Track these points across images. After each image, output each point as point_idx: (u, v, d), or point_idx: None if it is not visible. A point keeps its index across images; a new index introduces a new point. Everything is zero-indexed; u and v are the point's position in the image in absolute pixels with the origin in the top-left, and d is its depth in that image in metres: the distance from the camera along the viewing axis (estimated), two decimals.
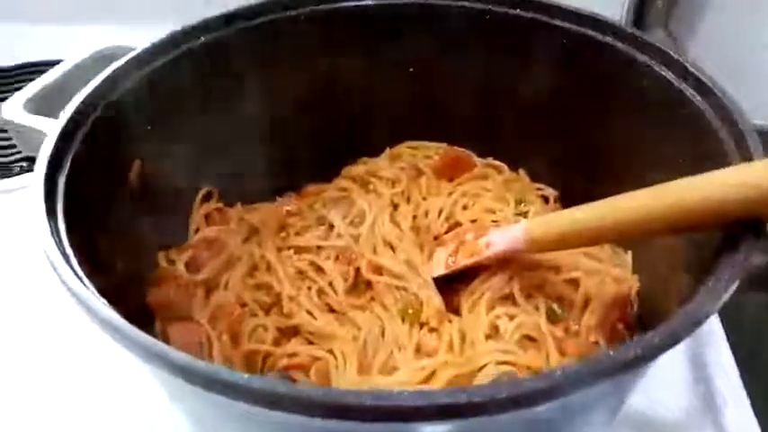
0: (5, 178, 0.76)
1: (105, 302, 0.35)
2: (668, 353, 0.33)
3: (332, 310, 0.53)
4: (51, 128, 0.45)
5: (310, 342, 0.51)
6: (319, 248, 0.57)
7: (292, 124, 0.60)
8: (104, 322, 0.34)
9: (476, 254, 0.53)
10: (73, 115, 0.46)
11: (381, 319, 0.51)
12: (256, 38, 0.56)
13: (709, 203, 0.39)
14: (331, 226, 0.58)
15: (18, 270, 0.64)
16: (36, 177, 0.42)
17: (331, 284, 0.54)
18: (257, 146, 0.58)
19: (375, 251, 0.56)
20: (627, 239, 0.55)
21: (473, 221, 0.59)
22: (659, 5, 0.92)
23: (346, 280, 0.54)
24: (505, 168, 0.64)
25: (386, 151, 0.66)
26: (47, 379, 0.56)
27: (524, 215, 0.59)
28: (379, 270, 0.54)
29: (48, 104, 0.53)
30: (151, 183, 0.51)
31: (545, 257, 0.53)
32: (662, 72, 0.50)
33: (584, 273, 0.53)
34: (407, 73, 0.62)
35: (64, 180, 0.43)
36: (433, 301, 0.52)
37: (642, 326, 0.51)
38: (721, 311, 0.35)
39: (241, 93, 0.56)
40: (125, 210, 0.49)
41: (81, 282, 0.36)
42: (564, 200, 0.62)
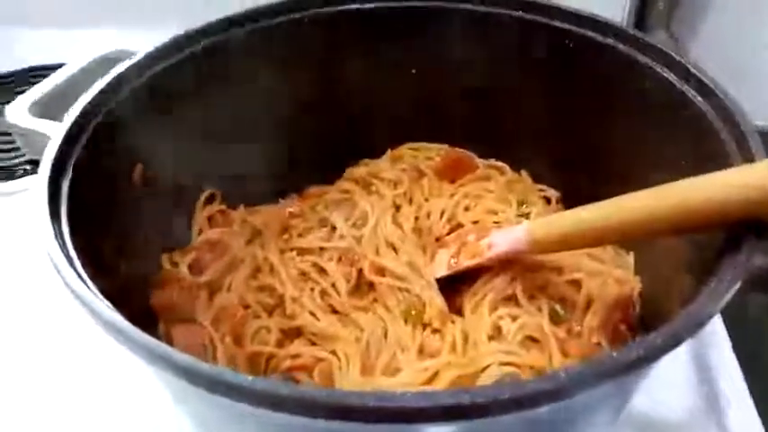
0: (9, 181, 0.77)
1: (109, 305, 0.35)
2: (671, 354, 0.33)
3: (335, 312, 0.53)
4: (55, 131, 0.45)
5: (313, 343, 0.51)
6: (322, 250, 0.57)
7: (294, 126, 0.60)
8: (108, 324, 0.34)
9: (478, 255, 0.53)
10: (76, 119, 0.46)
11: (384, 321, 0.52)
12: (258, 41, 0.56)
13: (711, 204, 0.39)
14: (333, 227, 0.59)
15: (22, 272, 0.64)
16: (40, 180, 0.42)
17: (334, 286, 0.54)
18: (260, 148, 0.58)
19: (377, 252, 0.56)
20: (629, 240, 0.55)
21: (475, 223, 0.59)
22: (660, 7, 0.92)
23: (349, 281, 0.54)
24: (507, 169, 0.64)
25: (387, 153, 0.66)
26: (51, 381, 0.57)
27: (526, 216, 0.59)
28: (381, 271, 0.54)
29: (52, 108, 0.53)
30: (154, 185, 0.52)
31: (547, 258, 0.53)
32: (664, 73, 0.50)
33: (586, 274, 0.53)
34: (409, 74, 0.63)
35: (67, 183, 0.43)
36: (436, 303, 0.52)
37: (644, 327, 0.51)
38: (724, 312, 0.35)
39: (243, 95, 0.56)
40: (128, 212, 0.49)
41: (85, 284, 0.36)
42: (566, 201, 0.62)
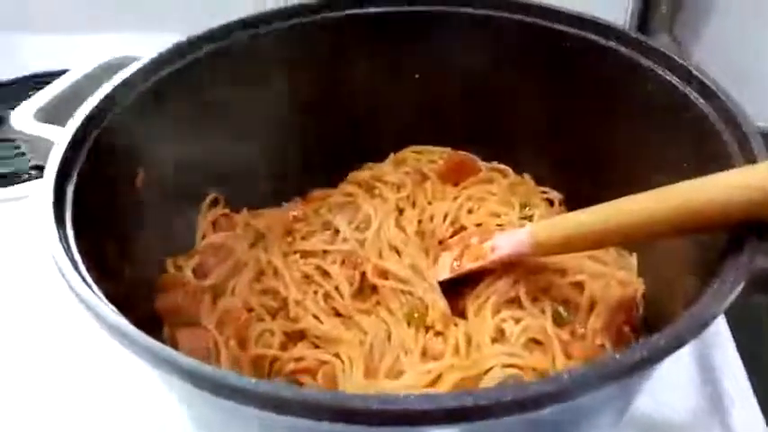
0: (15, 185, 0.77)
1: (113, 308, 0.35)
2: (674, 354, 0.33)
3: (338, 315, 0.53)
4: (60, 137, 0.46)
5: (317, 346, 0.51)
6: (325, 253, 0.57)
7: (297, 130, 0.60)
8: (113, 328, 0.34)
9: (481, 258, 0.53)
10: (81, 124, 0.46)
11: (387, 323, 0.52)
12: (262, 46, 0.56)
13: (713, 205, 0.39)
14: (337, 231, 0.59)
15: (27, 276, 0.64)
16: (45, 185, 0.42)
17: (337, 289, 0.54)
18: (262, 152, 0.58)
19: (380, 255, 0.56)
20: (632, 242, 0.55)
21: (478, 225, 0.59)
22: (664, 11, 0.92)
23: (352, 284, 0.54)
24: (510, 172, 0.65)
25: (390, 156, 0.66)
26: (56, 384, 0.57)
27: (529, 219, 0.59)
28: (384, 274, 0.54)
29: (56, 114, 0.54)
30: (158, 190, 0.52)
31: (550, 261, 0.53)
32: (666, 76, 0.50)
33: (589, 276, 0.53)
34: (412, 78, 0.63)
35: (72, 188, 0.43)
36: (439, 305, 0.52)
37: (648, 328, 0.51)
38: (728, 312, 0.35)
39: (246, 100, 0.56)
40: (132, 216, 0.50)
41: (89, 288, 0.36)
42: (569, 203, 0.62)
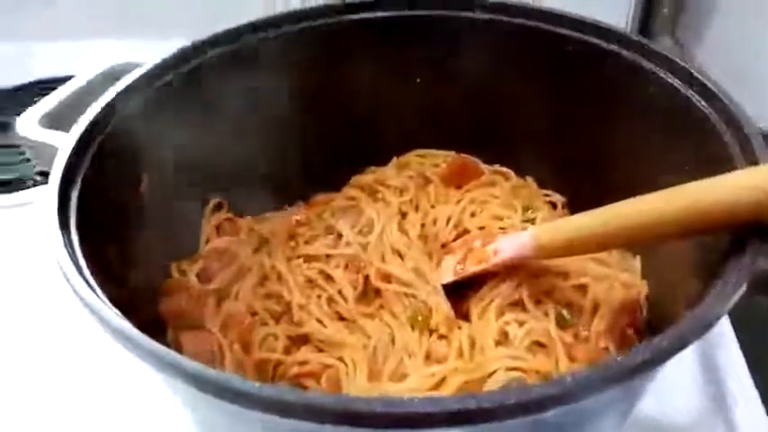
0: (20, 191, 0.77)
1: (118, 312, 0.36)
2: (677, 356, 0.33)
3: (341, 318, 0.53)
4: (64, 142, 0.46)
5: (320, 350, 0.51)
6: (328, 257, 0.57)
7: (300, 134, 0.61)
8: (117, 332, 0.34)
9: (484, 261, 0.53)
10: (85, 130, 0.47)
11: (391, 327, 0.52)
12: (265, 52, 0.57)
13: (721, 206, 0.39)
14: (340, 235, 0.59)
15: (32, 281, 0.64)
16: (50, 190, 0.42)
17: (340, 293, 0.54)
18: (266, 156, 0.58)
19: (383, 259, 0.56)
20: (635, 244, 0.55)
21: (481, 228, 0.59)
22: (665, 13, 0.92)
23: (355, 288, 0.54)
24: (513, 175, 0.65)
25: (393, 160, 0.66)
26: (60, 388, 0.57)
27: (532, 222, 0.59)
28: (387, 278, 0.54)
29: (61, 120, 0.54)
30: (162, 195, 0.52)
31: (553, 263, 0.53)
32: (668, 79, 0.51)
33: (592, 278, 0.53)
34: (415, 82, 0.63)
35: (77, 193, 0.43)
36: (442, 308, 0.52)
37: (652, 330, 0.51)
38: (731, 313, 0.35)
39: (250, 106, 0.56)
40: (137, 221, 0.50)
41: (94, 292, 0.37)
42: (572, 206, 0.62)
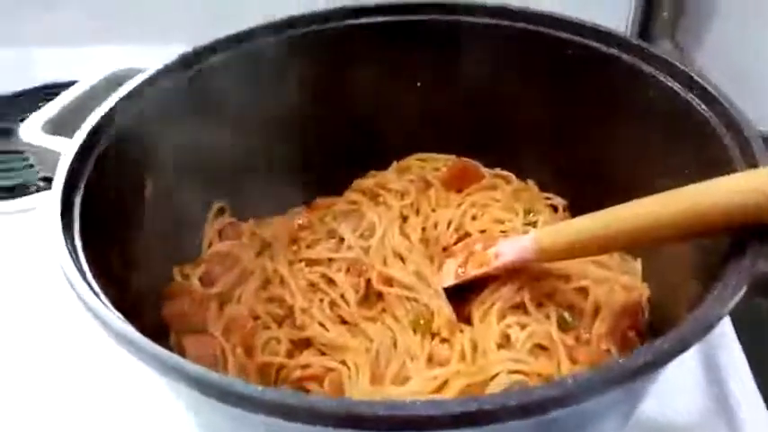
0: (24, 197, 0.78)
1: (121, 316, 0.36)
2: (679, 357, 0.33)
3: (344, 322, 0.53)
4: (67, 148, 0.46)
5: (323, 353, 0.51)
6: (330, 261, 0.57)
7: (301, 139, 0.61)
8: (120, 336, 0.34)
9: (485, 264, 0.53)
10: (88, 135, 0.47)
11: (393, 330, 0.52)
12: (266, 56, 0.57)
13: (719, 209, 0.39)
14: (341, 239, 0.59)
15: (36, 286, 0.65)
16: (53, 196, 0.43)
17: (342, 296, 0.54)
18: (268, 161, 0.58)
19: (385, 263, 0.56)
20: (637, 247, 0.55)
21: (482, 232, 0.59)
22: (665, 17, 0.92)
23: (357, 292, 0.54)
24: (514, 178, 0.65)
25: (394, 164, 0.66)
26: (64, 392, 0.57)
27: (533, 225, 0.59)
28: (389, 281, 0.54)
29: (64, 125, 0.54)
30: (165, 199, 0.52)
31: (554, 266, 0.53)
32: (667, 82, 0.51)
33: (593, 281, 0.53)
34: (415, 86, 0.63)
35: (80, 198, 0.44)
36: (444, 312, 0.52)
37: (654, 333, 0.51)
38: (732, 314, 0.35)
39: (252, 110, 0.57)
40: (139, 226, 0.50)
41: (97, 297, 0.37)
42: (573, 209, 0.62)
